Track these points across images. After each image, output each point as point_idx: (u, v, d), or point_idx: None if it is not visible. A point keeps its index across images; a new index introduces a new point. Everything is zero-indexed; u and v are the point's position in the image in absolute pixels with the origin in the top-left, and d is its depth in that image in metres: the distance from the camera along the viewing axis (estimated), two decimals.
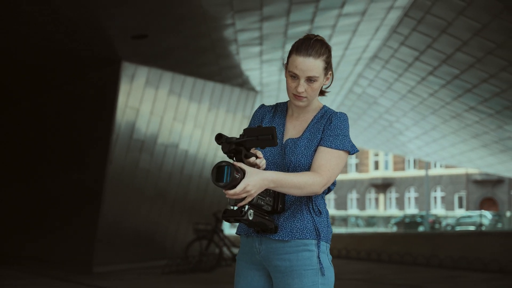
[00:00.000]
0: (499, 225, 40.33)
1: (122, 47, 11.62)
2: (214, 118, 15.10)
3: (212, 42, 11.75)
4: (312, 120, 2.74)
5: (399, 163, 53.93)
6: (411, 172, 53.33)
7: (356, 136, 23.44)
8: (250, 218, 2.52)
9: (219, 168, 2.44)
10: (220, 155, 15.64)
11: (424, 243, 16.63)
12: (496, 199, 49.12)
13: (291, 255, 2.63)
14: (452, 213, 48.89)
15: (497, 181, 48.57)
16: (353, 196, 57.07)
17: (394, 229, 43.20)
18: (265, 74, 14.59)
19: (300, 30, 11.63)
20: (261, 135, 2.48)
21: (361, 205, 56.08)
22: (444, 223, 42.10)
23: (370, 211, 54.61)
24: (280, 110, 2.86)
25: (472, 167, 26.97)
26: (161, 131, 13.68)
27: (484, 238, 15.78)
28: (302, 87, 2.66)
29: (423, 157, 26.49)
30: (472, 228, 38.80)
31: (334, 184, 2.72)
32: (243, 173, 2.44)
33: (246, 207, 2.51)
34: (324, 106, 2.80)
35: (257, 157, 2.55)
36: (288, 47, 12.62)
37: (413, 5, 11.07)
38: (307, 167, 2.65)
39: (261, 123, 2.85)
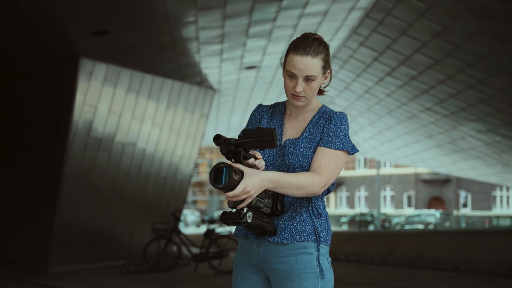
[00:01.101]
0: (447, 224, 41.23)
1: (81, 43, 11.40)
2: (172, 116, 14.97)
3: (173, 40, 11.63)
4: (311, 120, 2.70)
5: (350, 163, 54.55)
6: (361, 171, 54.03)
7: None
8: (249, 220, 2.48)
9: (217, 170, 2.39)
10: (178, 154, 15.52)
11: (380, 242, 16.84)
12: (444, 198, 50.17)
13: (291, 258, 2.60)
14: (402, 212, 49.72)
15: (445, 181, 49.60)
16: None
17: (345, 227, 43.71)
18: (224, 72, 14.52)
19: (262, 29, 11.61)
20: (260, 136, 2.43)
21: None
22: (393, 221, 42.82)
23: None
24: (278, 110, 2.81)
25: (425, 167, 27.41)
26: (119, 129, 13.48)
27: (439, 237, 16.06)
28: (300, 86, 2.62)
29: (377, 157, 26.83)
30: (420, 226, 39.53)
31: (333, 185, 2.69)
32: (241, 174, 2.40)
33: (245, 209, 2.46)
34: (323, 106, 2.76)
35: (255, 158, 2.50)
36: (249, 45, 12.62)
37: (374, 6, 11.15)
38: (307, 168, 2.62)
39: (259, 123, 2.80)
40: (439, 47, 11.72)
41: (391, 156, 24.88)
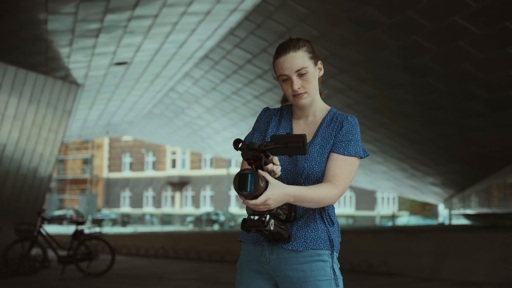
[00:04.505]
0: None
1: None
2: (35, 111, 14.21)
3: (46, 31, 11.03)
4: (321, 123, 2.67)
5: (196, 162, 54.74)
6: (207, 170, 54.37)
7: (169, 134, 23.40)
8: (271, 228, 2.43)
9: (241, 176, 2.30)
10: (39, 151, 14.76)
11: None
12: None
13: (304, 266, 2.55)
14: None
15: None
16: (149, 194, 56.91)
17: (190, 227, 43.87)
18: (93, 67, 14.02)
19: (141, 25, 11.34)
20: (291, 142, 2.37)
21: (157, 203, 56.10)
22: (239, 221, 43.67)
23: (166, 209, 54.83)
24: (286, 113, 2.77)
25: None
26: None
27: None
28: (297, 83, 2.60)
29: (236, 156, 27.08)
30: None
31: None
32: (266, 183, 2.32)
33: (267, 216, 2.39)
34: (332, 108, 2.73)
35: (273, 164, 2.43)
36: (125, 41, 12.28)
37: (256, 9, 11.24)
38: (321, 174, 2.58)
39: (267, 127, 2.75)
40: None
41: None
